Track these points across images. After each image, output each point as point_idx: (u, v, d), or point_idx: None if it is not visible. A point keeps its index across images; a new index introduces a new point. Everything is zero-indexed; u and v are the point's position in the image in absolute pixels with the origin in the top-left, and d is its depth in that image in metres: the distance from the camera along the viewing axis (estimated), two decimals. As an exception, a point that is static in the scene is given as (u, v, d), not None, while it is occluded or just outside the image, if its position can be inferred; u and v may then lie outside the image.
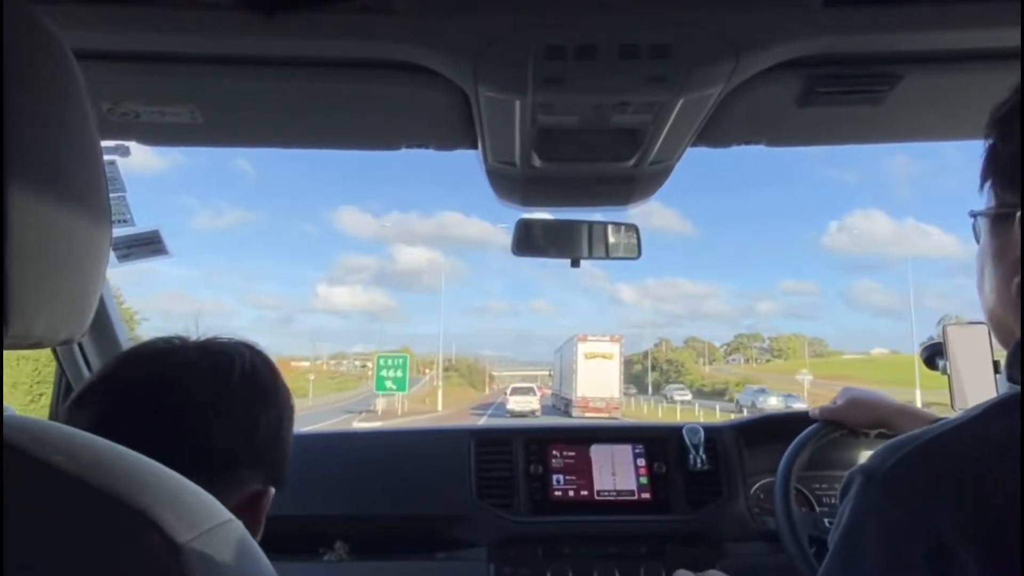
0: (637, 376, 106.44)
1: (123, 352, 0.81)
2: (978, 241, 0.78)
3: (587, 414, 31.72)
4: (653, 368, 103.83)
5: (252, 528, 0.52)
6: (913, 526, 0.59)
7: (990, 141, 0.73)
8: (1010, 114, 0.70)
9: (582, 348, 34.66)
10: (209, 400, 0.75)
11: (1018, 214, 0.68)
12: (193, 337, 0.83)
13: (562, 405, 38.39)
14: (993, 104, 0.72)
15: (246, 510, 0.74)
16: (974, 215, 0.77)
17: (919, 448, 0.63)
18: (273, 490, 0.81)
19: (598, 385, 33.81)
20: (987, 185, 0.74)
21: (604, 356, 34.66)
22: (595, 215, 1.71)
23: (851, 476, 0.66)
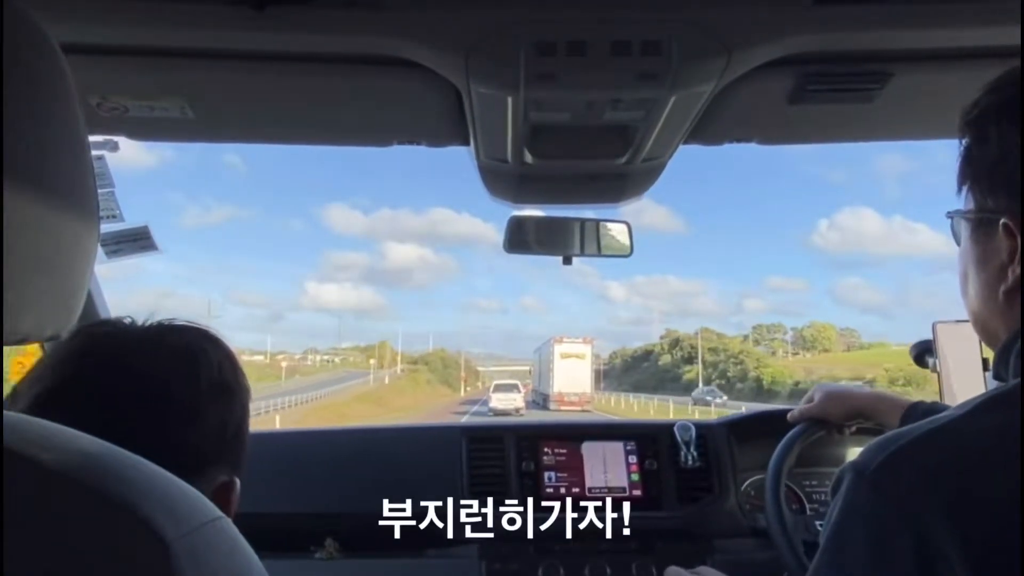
0: (665, 370, 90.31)
1: (71, 349, 0.73)
2: (958, 242, 0.78)
3: (562, 407, 36.26)
4: (690, 360, 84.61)
5: None
6: (901, 521, 0.59)
7: (964, 144, 0.73)
8: (982, 116, 0.70)
9: (558, 349, 39.50)
10: (179, 408, 0.73)
11: (1002, 220, 0.68)
12: (145, 319, 0.80)
13: (540, 400, 41.88)
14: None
15: (216, 503, 0.72)
16: (952, 216, 0.78)
17: (909, 444, 0.63)
18: (238, 481, 0.79)
19: (572, 381, 38.69)
20: (965, 188, 0.74)
21: (577, 356, 39.73)
22: (587, 212, 1.71)
23: (842, 472, 0.67)
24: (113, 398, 0.70)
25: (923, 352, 1.83)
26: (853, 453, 1.65)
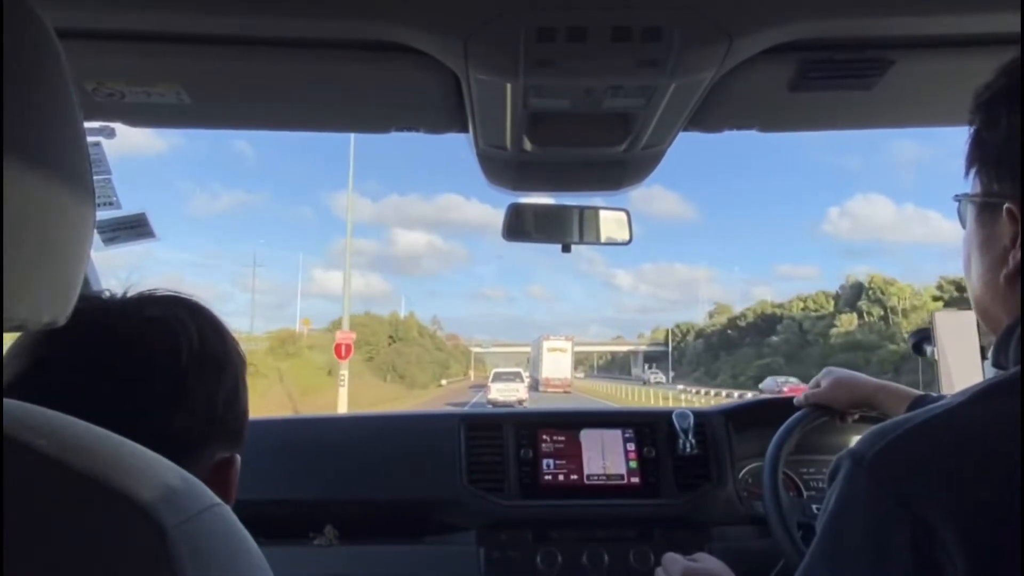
0: (863, 345, 47.74)
1: (43, 338, 0.68)
2: (963, 225, 0.78)
3: (548, 389, 47.44)
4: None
5: (224, 499, 0.50)
6: (899, 510, 0.59)
7: (974, 127, 0.72)
8: (994, 98, 0.70)
9: (546, 344, 51.66)
10: (161, 387, 0.69)
11: (1005, 205, 0.68)
12: (124, 290, 0.76)
13: (533, 384, 49.52)
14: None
15: (215, 482, 0.71)
16: (959, 199, 0.77)
17: (906, 433, 0.63)
18: (239, 457, 0.76)
19: (556, 369, 50.46)
20: (972, 171, 0.74)
21: (560, 350, 51.51)
22: (596, 200, 1.71)
23: (839, 461, 0.67)
24: (90, 379, 0.67)
25: (921, 341, 1.83)
26: (851, 441, 1.66)
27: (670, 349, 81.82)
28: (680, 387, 51.62)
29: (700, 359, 76.33)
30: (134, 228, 1.51)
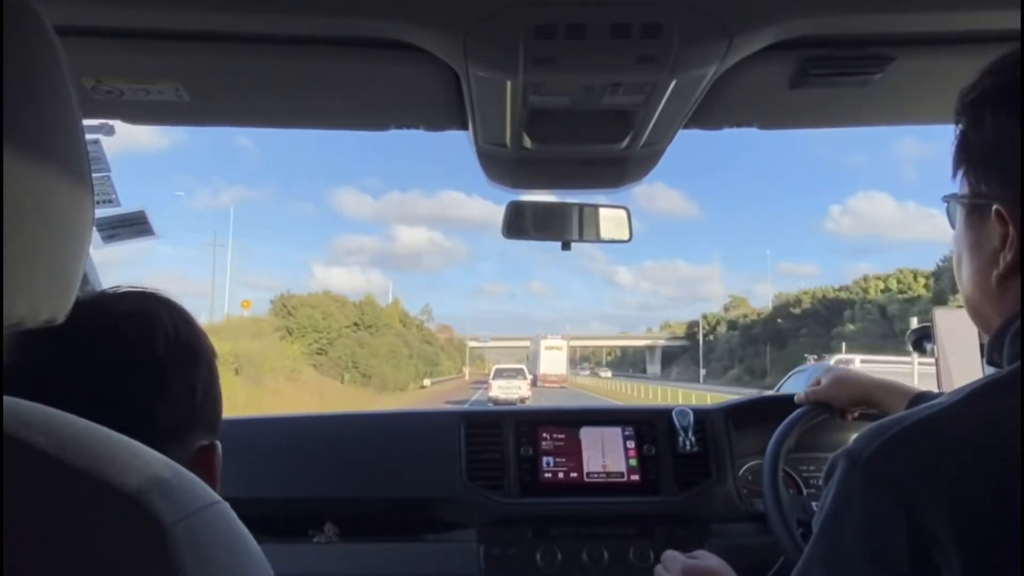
0: None
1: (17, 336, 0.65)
2: (953, 226, 0.78)
3: (546, 385, 50.22)
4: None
5: (210, 487, 0.51)
6: (895, 509, 0.59)
7: (960, 128, 0.72)
8: (979, 99, 0.70)
9: (543, 343, 55.57)
10: (143, 380, 0.70)
11: (994, 207, 0.67)
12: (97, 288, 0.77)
13: (531, 380, 50.53)
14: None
15: (197, 467, 0.71)
16: (947, 199, 0.77)
17: (902, 431, 0.63)
18: (219, 444, 0.76)
19: (553, 366, 54.29)
20: (960, 172, 0.74)
21: (557, 348, 55.56)
22: (597, 197, 1.70)
23: (835, 459, 0.66)
24: (73, 374, 0.68)
25: (921, 338, 1.83)
26: (850, 439, 1.66)
27: (701, 341, 72.62)
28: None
29: (735, 354, 64.93)
30: (133, 225, 1.51)
